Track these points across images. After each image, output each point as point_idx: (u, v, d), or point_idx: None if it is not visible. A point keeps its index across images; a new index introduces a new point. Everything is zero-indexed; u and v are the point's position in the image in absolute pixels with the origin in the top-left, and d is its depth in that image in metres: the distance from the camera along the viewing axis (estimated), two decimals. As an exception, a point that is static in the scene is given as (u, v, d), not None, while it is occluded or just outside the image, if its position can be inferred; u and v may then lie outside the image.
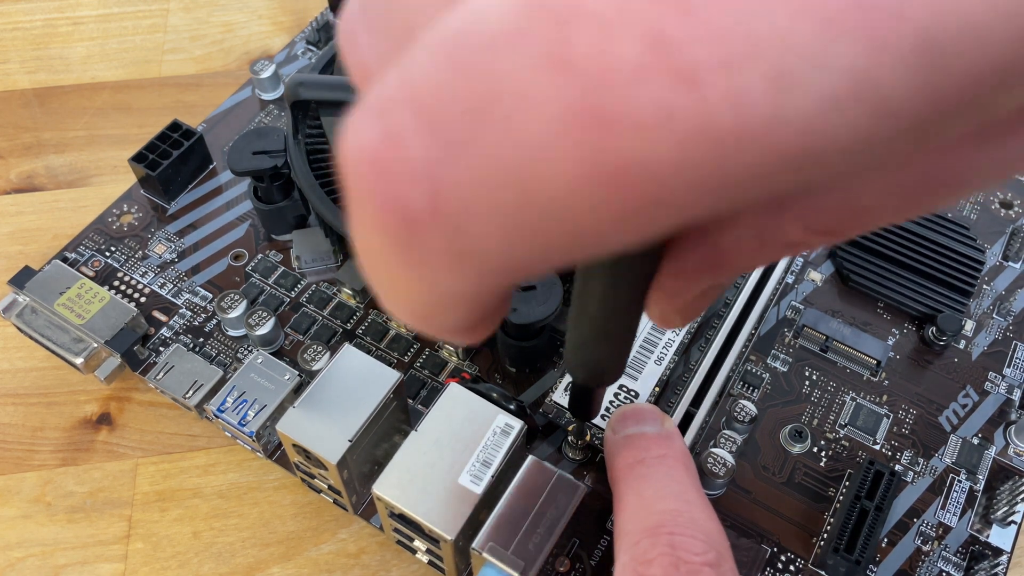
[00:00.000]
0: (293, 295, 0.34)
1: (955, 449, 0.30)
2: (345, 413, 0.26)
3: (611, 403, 0.30)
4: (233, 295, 0.32)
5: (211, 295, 0.34)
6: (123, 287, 0.34)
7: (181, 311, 0.34)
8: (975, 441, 0.30)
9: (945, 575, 0.28)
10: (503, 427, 0.26)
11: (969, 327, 0.33)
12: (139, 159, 0.36)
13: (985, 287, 0.34)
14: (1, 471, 0.31)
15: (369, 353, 0.29)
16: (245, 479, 0.31)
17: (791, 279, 0.34)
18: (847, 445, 0.30)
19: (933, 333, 0.32)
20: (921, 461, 0.30)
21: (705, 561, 0.21)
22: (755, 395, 0.31)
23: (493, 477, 0.25)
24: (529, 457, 0.26)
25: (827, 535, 0.28)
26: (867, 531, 0.27)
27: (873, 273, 0.34)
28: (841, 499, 0.29)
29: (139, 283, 0.34)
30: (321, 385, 0.27)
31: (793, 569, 0.28)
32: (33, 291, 0.32)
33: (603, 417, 0.30)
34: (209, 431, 0.32)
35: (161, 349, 0.33)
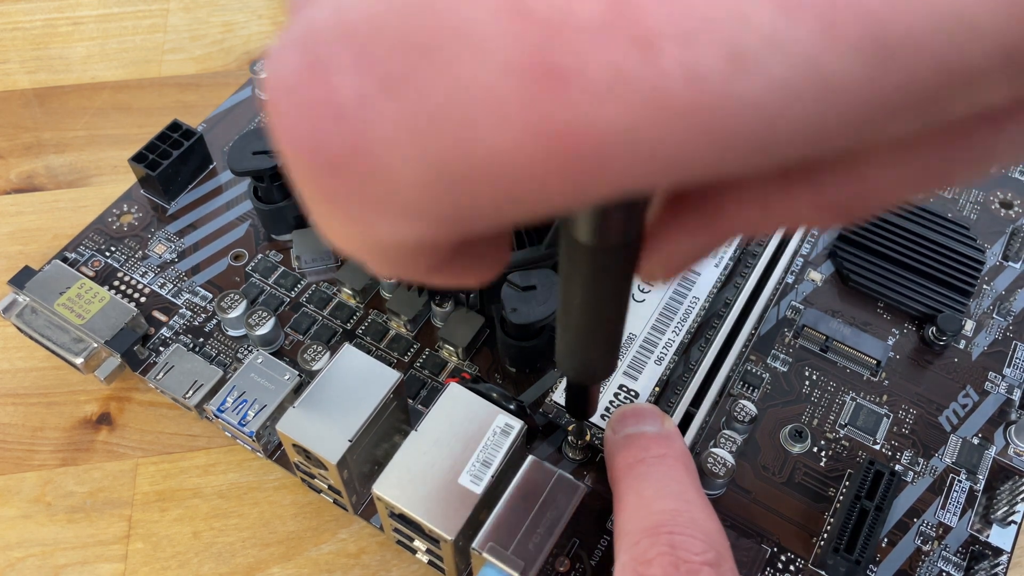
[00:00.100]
0: (293, 295, 0.34)
1: (955, 449, 0.30)
2: (345, 413, 0.26)
3: (611, 403, 0.30)
4: (233, 295, 0.32)
5: (211, 295, 0.34)
6: (123, 287, 0.34)
7: (181, 311, 0.34)
8: (975, 441, 0.30)
9: (945, 575, 0.28)
10: (503, 427, 0.26)
11: (969, 327, 0.33)
12: (139, 159, 0.36)
13: (985, 287, 0.34)
14: (1, 471, 0.32)
15: (369, 353, 0.29)
16: (245, 479, 0.31)
17: (791, 279, 0.34)
18: (847, 445, 0.30)
19: (933, 333, 0.32)
20: (921, 461, 0.30)
21: (705, 561, 0.21)
22: (755, 395, 0.31)
23: (493, 477, 0.25)
24: (529, 457, 0.26)
25: (827, 535, 0.28)
26: (867, 531, 0.27)
27: (873, 273, 0.34)
28: (841, 499, 0.29)
29: (139, 283, 0.34)
30: (321, 385, 0.27)
31: (793, 569, 0.28)
32: (33, 291, 0.32)
33: (603, 417, 0.30)
34: (209, 431, 0.32)
35: (161, 349, 0.33)
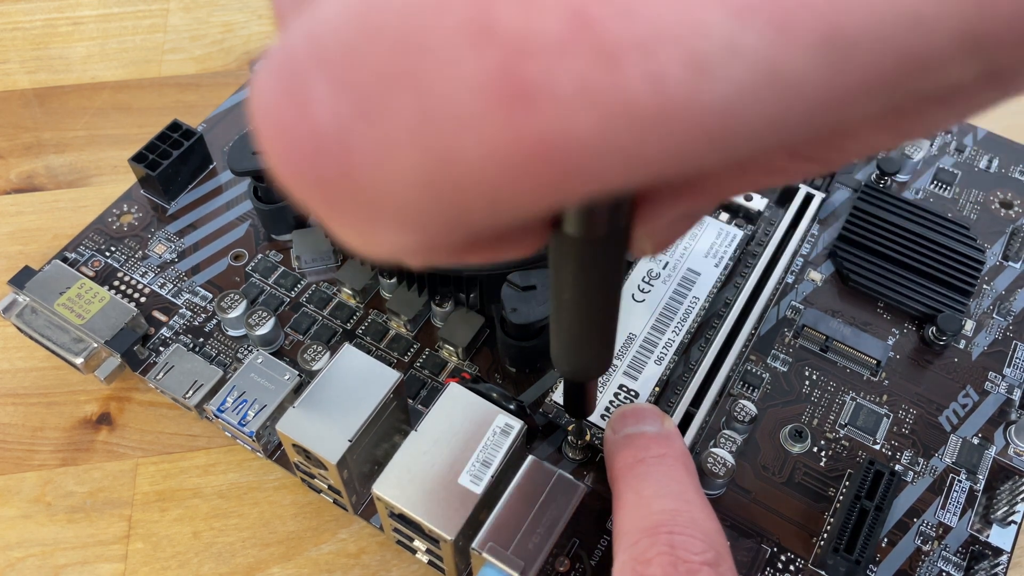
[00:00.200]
0: (293, 295, 0.34)
1: (955, 449, 0.30)
2: (345, 413, 0.26)
3: (611, 403, 0.30)
4: (233, 295, 0.32)
5: (211, 295, 0.34)
6: (123, 287, 0.34)
7: (181, 311, 0.34)
8: (975, 441, 0.30)
9: (945, 575, 0.28)
10: (503, 427, 0.26)
11: (969, 327, 0.33)
12: (139, 159, 0.36)
13: (985, 287, 0.34)
14: (1, 471, 0.32)
15: (369, 353, 0.29)
16: (245, 479, 0.31)
17: (791, 279, 0.34)
18: (847, 445, 0.30)
19: (933, 333, 0.32)
20: (921, 461, 0.30)
21: (704, 561, 0.21)
22: (755, 395, 0.31)
23: (493, 477, 0.25)
24: (529, 457, 0.26)
25: (827, 535, 0.28)
26: (867, 531, 0.27)
27: (873, 273, 0.34)
28: (841, 499, 0.29)
29: (139, 283, 0.34)
30: (321, 385, 0.27)
31: (793, 569, 0.28)
32: (33, 291, 0.32)
33: (603, 417, 0.30)
34: (209, 431, 0.32)
35: (161, 349, 0.33)
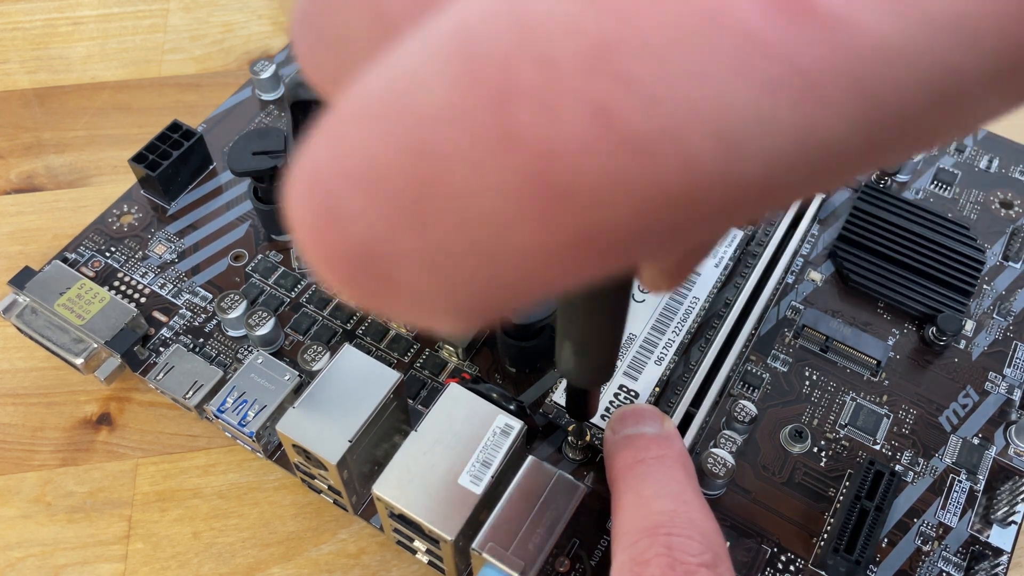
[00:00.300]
0: (293, 295, 0.34)
1: (955, 449, 0.30)
2: (345, 413, 0.26)
3: (611, 403, 0.30)
4: (233, 295, 0.32)
5: (211, 295, 0.34)
6: (123, 287, 0.34)
7: (181, 311, 0.34)
8: (975, 441, 0.30)
9: (945, 575, 0.28)
10: (503, 427, 0.26)
11: (969, 327, 0.33)
12: (139, 159, 0.36)
13: (985, 287, 0.34)
14: (1, 471, 0.32)
15: (369, 353, 0.29)
16: (245, 479, 0.31)
17: (791, 279, 0.34)
18: (847, 445, 0.30)
19: (933, 333, 0.32)
20: (921, 461, 0.30)
21: (702, 562, 0.21)
22: (755, 395, 0.31)
23: (493, 477, 0.25)
24: (529, 457, 0.26)
25: (827, 535, 0.28)
26: (867, 531, 0.27)
27: (873, 273, 0.34)
28: (841, 499, 0.29)
29: (139, 283, 0.34)
30: (321, 385, 0.27)
31: (793, 569, 0.28)
32: (33, 291, 0.32)
33: (603, 417, 0.30)
34: (209, 431, 0.32)
35: (161, 349, 0.33)
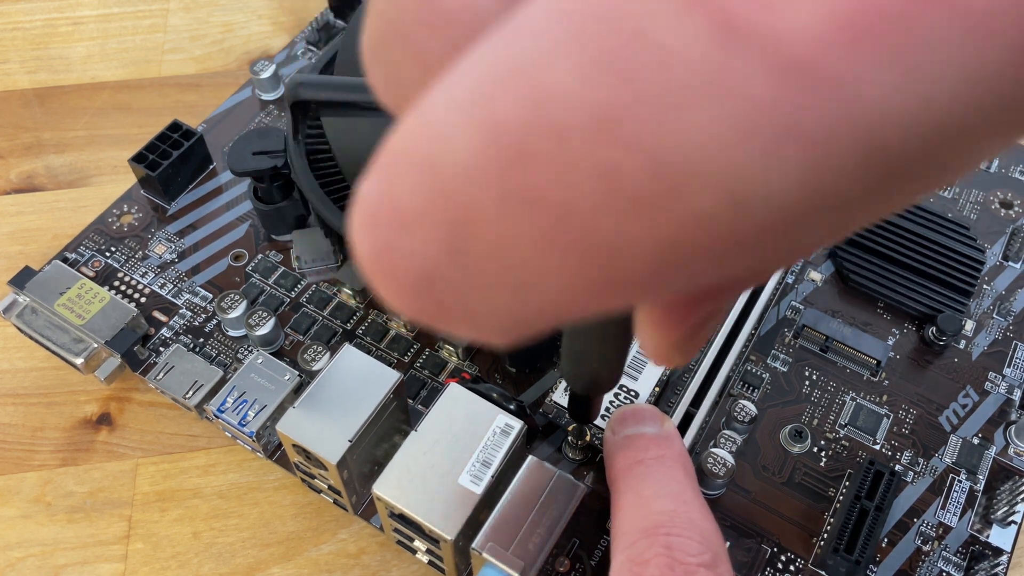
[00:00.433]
0: (293, 295, 0.34)
1: (955, 449, 0.30)
2: (345, 413, 0.26)
3: (611, 403, 0.30)
4: (233, 295, 0.32)
5: (211, 295, 0.34)
6: (123, 287, 0.34)
7: (181, 311, 0.34)
8: (975, 441, 0.30)
9: (945, 575, 0.28)
10: (503, 427, 0.26)
11: (969, 327, 0.33)
12: (139, 159, 0.36)
13: (985, 287, 0.34)
14: (1, 471, 0.32)
15: (369, 353, 0.29)
16: (245, 479, 0.31)
17: (791, 279, 0.34)
18: (847, 445, 0.30)
19: (933, 333, 0.32)
20: (921, 461, 0.30)
21: (701, 562, 0.21)
22: (755, 395, 0.31)
23: (493, 477, 0.25)
24: (529, 457, 0.26)
25: (827, 535, 0.28)
26: (867, 531, 0.27)
27: (873, 273, 0.34)
28: (841, 499, 0.29)
29: (139, 283, 0.34)
30: (321, 385, 0.27)
31: (793, 569, 0.28)
32: (33, 291, 0.32)
33: (603, 417, 0.30)
34: (209, 431, 0.32)
35: (161, 349, 0.33)
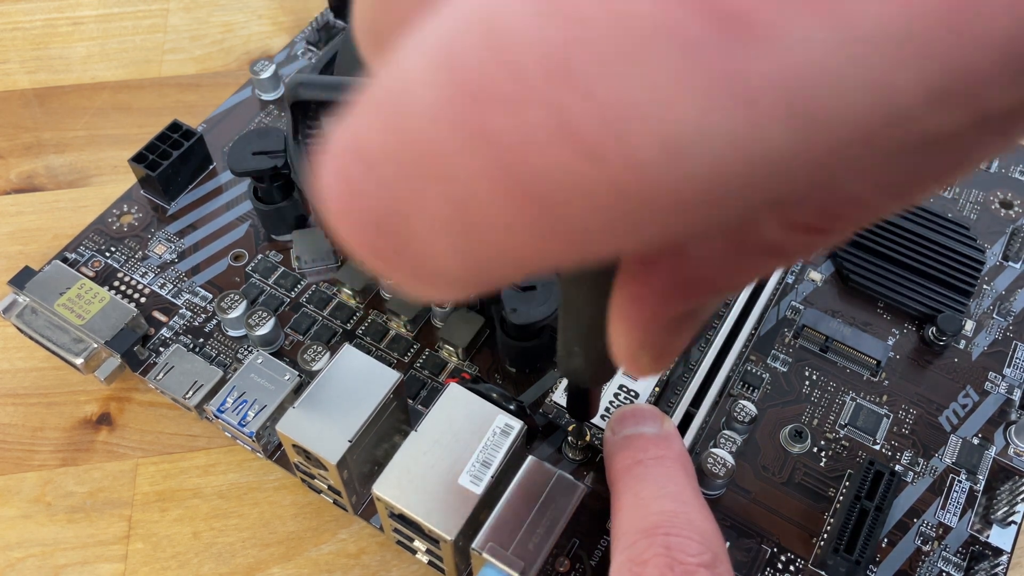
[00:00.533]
0: (293, 295, 0.34)
1: (955, 449, 0.30)
2: (345, 413, 0.26)
3: (611, 403, 0.30)
4: (233, 295, 0.32)
5: (211, 295, 0.34)
6: (123, 287, 0.34)
7: (181, 311, 0.34)
8: (975, 441, 0.30)
9: (945, 575, 0.28)
10: (503, 427, 0.26)
11: (969, 327, 0.33)
12: (139, 159, 0.36)
13: (985, 287, 0.34)
14: (1, 471, 0.32)
15: (369, 353, 0.29)
16: (245, 479, 0.31)
17: (791, 279, 0.34)
18: (847, 445, 0.30)
19: (933, 333, 0.32)
20: (921, 461, 0.30)
21: (700, 563, 0.21)
22: (755, 395, 0.31)
23: (493, 477, 0.25)
24: (529, 457, 0.26)
25: (827, 535, 0.28)
26: (867, 531, 0.27)
27: (873, 273, 0.34)
28: (841, 499, 0.29)
29: (139, 283, 0.34)
30: (321, 385, 0.27)
31: (793, 569, 0.28)
32: (33, 291, 0.32)
33: (603, 417, 0.30)
34: (209, 431, 0.32)
35: (161, 349, 0.33)
